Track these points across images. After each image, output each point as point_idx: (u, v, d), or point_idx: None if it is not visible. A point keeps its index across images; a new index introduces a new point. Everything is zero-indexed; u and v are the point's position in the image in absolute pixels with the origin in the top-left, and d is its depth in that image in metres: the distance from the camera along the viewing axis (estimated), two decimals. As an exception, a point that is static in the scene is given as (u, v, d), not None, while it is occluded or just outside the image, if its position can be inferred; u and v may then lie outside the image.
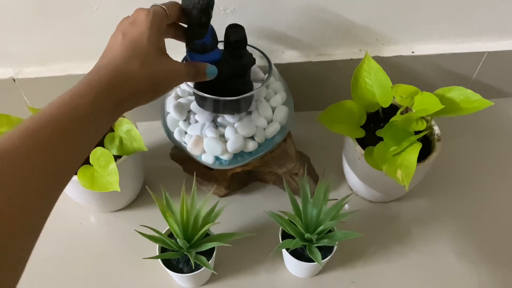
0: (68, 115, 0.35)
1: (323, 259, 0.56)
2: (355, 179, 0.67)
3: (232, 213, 0.67)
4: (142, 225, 0.54)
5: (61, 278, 0.63)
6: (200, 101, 0.59)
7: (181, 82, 0.49)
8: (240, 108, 0.60)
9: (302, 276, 0.63)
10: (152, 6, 0.46)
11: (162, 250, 0.58)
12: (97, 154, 0.57)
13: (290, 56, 0.75)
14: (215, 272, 0.57)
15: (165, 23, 0.46)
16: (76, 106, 0.36)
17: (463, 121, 0.80)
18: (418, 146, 0.57)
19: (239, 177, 0.70)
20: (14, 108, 0.68)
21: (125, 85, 0.40)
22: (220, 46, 0.56)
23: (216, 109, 0.60)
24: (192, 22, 0.52)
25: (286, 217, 0.56)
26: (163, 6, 0.46)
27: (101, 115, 0.38)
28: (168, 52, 0.47)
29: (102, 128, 0.39)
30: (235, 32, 0.56)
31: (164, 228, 0.58)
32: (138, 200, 0.72)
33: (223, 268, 0.63)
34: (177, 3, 0.48)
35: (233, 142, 0.58)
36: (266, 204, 0.70)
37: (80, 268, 0.64)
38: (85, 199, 0.65)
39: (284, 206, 0.61)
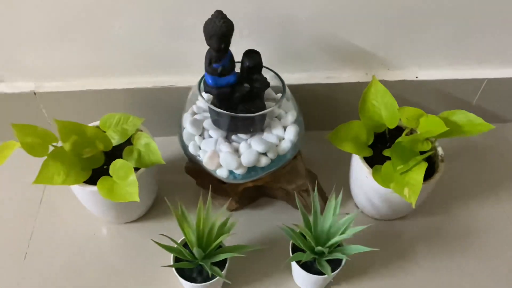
0: None
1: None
2: (362, 197, 0.70)
3: (242, 227, 0.69)
4: (161, 234, 0.56)
5: (74, 286, 0.65)
6: (216, 119, 0.62)
7: None
8: (254, 127, 0.63)
9: (310, 290, 0.64)
10: None
11: (176, 260, 0.60)
12: (117, 166, 0.59)
13: (300, 77, 0.78)
14: (228, 281, 0.58)
15: None
16: None
17: (465, 145, 0.84)
18: (424, 166, 0.59)
19: (249, 192, 0.72)
20: (33, 120, 0.71)
21: None
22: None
23: (231, 127, 0.63)
24: (212, 47, 0.55)
25: (298, 230, 0.58)
26: None
27: None
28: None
29: None
30: (251, 58, 0.59)
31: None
32: (150, 213, 0.73)
33: (233, 280, 0.65)
34: None
35: (247, 156, 0.60)
36: (275, 219, 0.72)
37: (91, 277, 0.66)
38: (101, 209, 0.66)
39: (292, 221, 0.63)
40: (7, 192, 0.76)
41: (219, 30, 0.54)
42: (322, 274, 0.58)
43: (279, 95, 0.67)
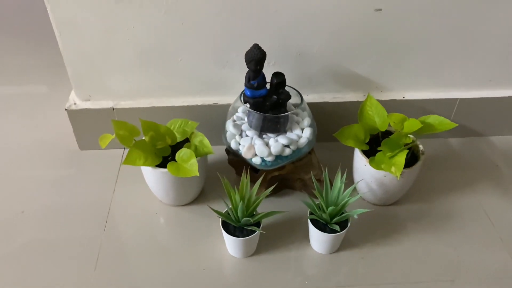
0: None
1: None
2: (362, 183, 0.90)
3: (269, 208, 0.89)
4: (220, 197, 0.77)
5: (144, 251, 0.85)
6: (252, 122, 0.85)
7: None
8: (280, 127, 0.85)
9: (323, 252, 0.83)
10: None
11: (223, 224, 0.80)
12: (182, 153, 0.82)
13: (312, 97, 1.01)
14: (263, 232, 0.79)
15: None
16: None
17: (448, 154, 1.05)
18: (405, 152, 0.81)
19: (274, 181, 0.93)
20: (110, 129, 0.94)
21: None
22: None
23: (263, 128, 0.85)
24: (251, 69, 0.80)
25: (317, 202, 0.79)
26: None
27: None
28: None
29: None
30: (278, 76, 0.83)
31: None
32: (197, 200, 0.94)
33: (263, 246, 0.84)
34: None
35: (275, 147, 0.82)
36: (294, 203, 0.92)
37: (155, 245, 0.86)
38: (164, 190, 0.88)
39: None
40: (84, 186, 0.98)
41: (256, 56, 0.79)
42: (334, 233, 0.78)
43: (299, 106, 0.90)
